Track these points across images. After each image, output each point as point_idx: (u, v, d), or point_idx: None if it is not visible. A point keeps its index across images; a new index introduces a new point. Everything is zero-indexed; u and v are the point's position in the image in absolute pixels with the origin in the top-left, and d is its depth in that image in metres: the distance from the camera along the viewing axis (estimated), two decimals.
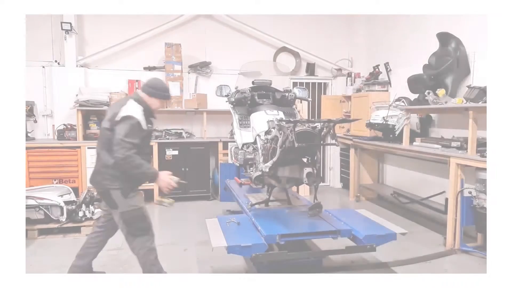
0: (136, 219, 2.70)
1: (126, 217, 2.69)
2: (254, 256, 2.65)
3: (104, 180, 2.69)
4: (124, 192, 2.67)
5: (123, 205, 2.68)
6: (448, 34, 4.39)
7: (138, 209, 2.72)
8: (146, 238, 2.74)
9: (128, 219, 2.69)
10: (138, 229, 2.71)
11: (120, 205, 2.68)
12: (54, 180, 5.29)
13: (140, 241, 2.72)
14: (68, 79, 5.84)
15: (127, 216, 2.68)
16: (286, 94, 4.08)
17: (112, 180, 2.67)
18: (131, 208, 2.69)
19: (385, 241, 2.94)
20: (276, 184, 3.41)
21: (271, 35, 6.63)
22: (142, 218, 2.73)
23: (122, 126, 2.58)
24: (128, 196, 2.68)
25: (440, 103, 4.11)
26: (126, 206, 2.68)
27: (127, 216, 2.68)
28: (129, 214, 2.68)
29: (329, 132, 2.93)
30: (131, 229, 2.71)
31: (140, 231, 2.72)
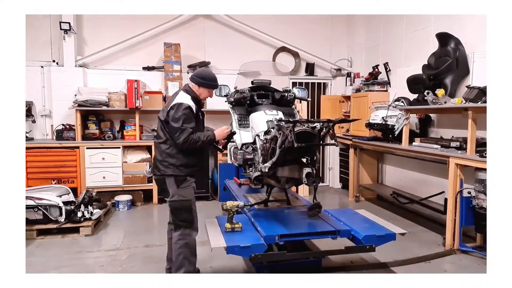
0: (182, 210, 2.82)
1: (174, 206, 2.83)
2: (253, 256, 2.64)
3: (161, 167, 2.83)
4: (177, 181, 2.80)
5: (174, 193, 2.81)
6: (447, 34, 4.39)
7: (186, 201, 2.82)
8: (187, 232, 2.83)
9: (175, 209, 2.83)
10: (182, 220, 2.82)
11: (171, 193, 2.81)
12: (52, 181, 5.29)
13: (181, 233, 2.82)
14: (67, 79, 5.83)
15: (175, 205, 2.83)
16: (285, 94, 4.07)
17: (168, 167, 2.81)
18: (180, 198, 2.81)
19: (385, 241, 2.94)
20: (275, 184, 3.41)
21: (270, 35, 6.63)
22: (188, 210, 2.84)
23: (174, 113, 2.74)
24: (181, 186, 2.81)
25: (439, 103, 4.12)
26: (176, 195, 2.81)
27: (175, 205, 2.82)
28: (177, 204, 2.81)
29: (329, 132, 2.92)
30: (176, 219, 2.84)
31: (183, 223, 2.83)
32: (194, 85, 2.92)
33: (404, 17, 5.56)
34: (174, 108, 2.76)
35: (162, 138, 2.86)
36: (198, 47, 6.49)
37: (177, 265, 2.82)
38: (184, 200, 2.82)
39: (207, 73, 2.96)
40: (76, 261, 3.63)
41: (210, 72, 3.00)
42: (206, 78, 2.91)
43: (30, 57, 5.71)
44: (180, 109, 2.74)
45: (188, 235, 2.83)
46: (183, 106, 2.75)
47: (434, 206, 4.51)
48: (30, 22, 5.61)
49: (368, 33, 6.63)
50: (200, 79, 2.90)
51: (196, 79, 2.91)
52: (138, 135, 5.76)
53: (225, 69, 6.48)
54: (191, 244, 2.84)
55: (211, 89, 2.99)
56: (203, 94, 2.95)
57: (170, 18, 6.21)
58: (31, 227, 4.17)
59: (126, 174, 5.59)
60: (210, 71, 3.02)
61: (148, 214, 5.31)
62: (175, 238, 2.84)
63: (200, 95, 2.93)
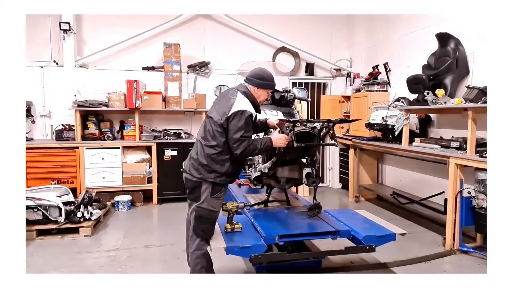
0: (206, 220, 2.67)
1: (200, 213, 2.65)
2: (253, 257, 2.63)
3: (202, 171, 2.64)
4: (213, 189, 2.65)
5: (205, 201, 2.65)
6: (447, 34, 4.39)
7: (213, 212, 2.68)
8: (203, 243, 2.71)
9: (200, 216, 2.66)
10: (203, 230, 2.68)
11: (202, 199, 2.65)
12: (52, 181, 5.28)
13: (198, 243, 2.70)
14: (67, 79, 5.83)
15: (201, 213, 2.65)
16: (285, 94, 4.07)
17: (210, 173, 2.63)
18: (209, 207, 2.66)
19: (385, 242, 2.93)
20: (275, 184, 3.41)
21: (270, 35, 6.63)
22: (212, 222, 2.71)
23: (237, 122, 2.54)
24: (214, 195, 2.66)
25: (439, 103, 4.11)
26: (206, 202, 2.65)
27: (201, 212, 2.65)
28: (204, 212, 2.65)
29: (329, 132, 2.92)
30: (197, 227, 2.68)
31: (203, 233, 2.69)
32: (252, 87, 2.70)
33: (404, 17, 5.56)
34: (237, 116, 2.54)
35: (211, 142, 2.63)
36: (198, 47, 6.49)
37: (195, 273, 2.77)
38: (212, 210, 2.68)
39: (265, 73, 2.73)
40: (76, 261, 3.63)
41: (267, 71, 2.76)
42: (265, 78, 2.71)
43: (30, 57, 5.71)
44: (243, 118, 2.55)
45: (204, 246, 2.73)
46: (245, 115, 2.56)
47: (434, 206, 4.51)
48: (30, 22, 5.60)
49: (368, 33, 6.63)
50: (259, 80, 2.69)
51: (255, 80, 2.69)
52: (137, 135, 5.76)
53: (225, 69, 6.48)
54: (207, 254, 2.75)
55: (269, 90, 2.79)
56: (262, 96, 2.74)
57: (169, 18, 6.21)
58: (31, 227, 4.17)
59: (126, 174, 5.58)
60: (266, 69, 2.77)
61: (147, 215, 5.31)
62: (192, 248, 2.73)
63: (259, 97, 2.73)
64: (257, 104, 2.76)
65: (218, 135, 2.61)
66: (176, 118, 6.43)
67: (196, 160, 2.68)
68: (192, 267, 2.76)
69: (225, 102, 2.66)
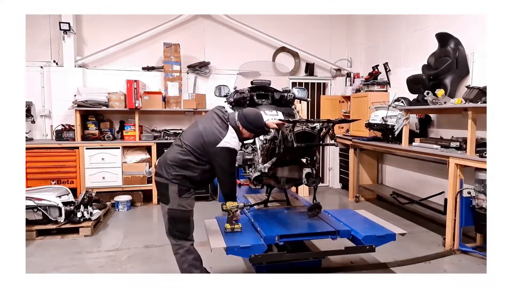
0: (180, 220, 2.71)
1: (172, 215, 2.70)
2: (253, 257, 2.63)
3: (172, 172, 2.69)
4: (180, 190, 2.69)
5: (174, 202, 2.69)
6: (447, 34, 4.39)
7: (186, 212, 2.72)
8: (183, 242, 2.74)
9: (173, 218, 2.71)
10: (178, 230, 2.72)
11: (171, 201, 2.69)
12: (52, 181, 5.28)
13: (178, 242, 2.74)
14: (66, 79, 5.83)
15: (173, 214, 2.70)
16: (285, 94, 4.07)
17: (177, 177, 2.69)
18: (179, 207, 2.69)
19: (385, 242, 2.93)
20: (275, 184, 3.41)
21: (270, 35, 6.63)
22: (186, 221, 2.74)
23: (226, 157, 2.67)
24: (183, 195, 2.70)
25: (439, 103, 4.11)
26: (176, 204, 2.69)
27: (173, 214, 2.70)
28: (176, 213, 2.70)
29: (328, 132, 2.92)
30: (172, 229, 2.72)
31: (179, 233, 2.72)
32: (241, 126, 2.77)
33: (404, 17, 5.56)
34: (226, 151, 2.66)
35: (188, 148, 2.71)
36: (198, 47, 6.49)
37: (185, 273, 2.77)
38: (184, 210, 2.71)
39: (256, 119, 2.79)
40: (76, 261, 3.63)
41: (259, 119, 2.82)
42: (253, 125, 2.77)
43: (30, 57, 5.71)
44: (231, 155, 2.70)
45: (186, 243, 2.74)
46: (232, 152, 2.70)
47: (434, 206, 4.51)
48: (30, 22, 5.60)
49: (368, 33, 6.63)
50: (247, 124, 2.75)
51: (244, 122, 2.76)
52: (137, 135, 5.76)
53: (225, 69, 6.49)
54: (191, 249, 2.77)
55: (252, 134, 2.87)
56: (246, 134, 2.83)
57: (169, 18, 6.21)
58: (31, 227, 4.17)
59: (126, 174, 5.58)
60: (260, 116, 2.84)
61: (147, 215, 5.31)
62: (174, 249, 2.77)
63: (243, 134, 2.82)
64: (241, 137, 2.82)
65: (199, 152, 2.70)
66: (176, 118, 6.43)
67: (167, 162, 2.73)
68: (180, 268, 2.77)
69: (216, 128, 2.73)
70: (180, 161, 2.70)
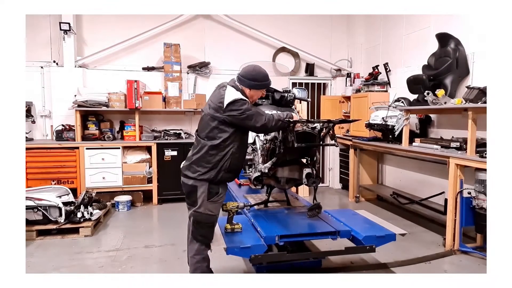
0: (205, 224, 2.63)
1: (197, 218, 2.62)
2: (253, 257, 2.63)
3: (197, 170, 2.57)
4: (210, 192, 2.59)
5: (201, 205, 2.60)
6: (447, 35, 4.39)
7: (212, 216, 2.64)
8: (203, 248, 2.67)
9: (198, 221, 2.62)
10: (201, 234, 2.64)
11: (199, 204, 2.60)
12: (52, 181, 5.28)
13: (198, 248, 2.67)
14: (67, 79, 5.83)
15: (199, 218, 2.61)
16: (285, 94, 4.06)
17: (204, 170, 2.56)
18: (206, 211, 2.61)
19: (385, 242, 2.93)
20: (275, 184, 3.41)
21: (270, 35, 6.63)
22: (211, 226, 2.66)
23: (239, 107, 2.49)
24: (211, 199, 2.60)
25: (439, 103, 4.11)
26: (203, 207, 2.60)
27: (199, 217, 2.61)
28: (202, 217, 2.60)
29: (329, 133, 2.92)
30: (195, 232, 2.64)
31: (202, 238, 2.65)
32: (245, 88, 2.60)
33: (404, 17, 5.56)
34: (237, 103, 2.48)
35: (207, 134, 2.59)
36: (198, 47, 6.49)
37: None
38: (210, 215, 2.62)
39: (258, 72, 2.61)
40: (76, 261, 3.63)
41: (260, 70, 2.62)
42: (258, 79, 2.59)
43: (30, 58, 5.71)
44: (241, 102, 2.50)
45: (204, 250, 2.70)
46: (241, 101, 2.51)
47: (434, 206, 4.51)
48: (30, 22, 5.61)
49: (368, 33, 6.63)
50: (251, 81, 2.58)
51: (246, 82, 2.58)
52: (138, 135, 5.76)
53: (225, 69, 6.49)
54: (207, 257, 2.73)
55: (264, 89, 2.69)
56: (255, 96, 2.65)
57: (170, 18, 6.21)
58: (31, 227, 4.17)
59: (126, 174, 5.58)
60: (260, 68, 2.63)
61: (147, 215, 5.31)
62: (191, 252, 2.70)
63: (251, 97, 2.63)
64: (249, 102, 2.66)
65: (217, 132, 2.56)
66: (176, 118, 6.43)
67: (193, 160, 2.62)
68: (192, 271, 2.74)
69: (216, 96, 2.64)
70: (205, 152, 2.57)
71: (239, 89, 2.62)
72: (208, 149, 2.57)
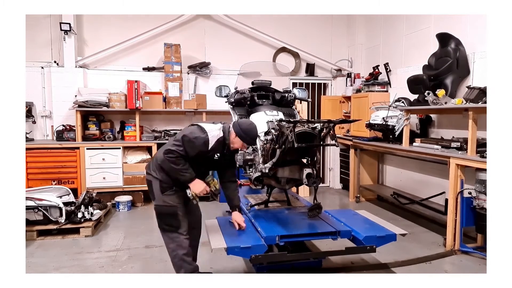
0: (166, 215, 2.81)
1: (157, 211, 2.85)
2: (253, 257, 2.64)
3: (153, 169, 2.85)
4: (162, 187, 2.79)
5: (158, 198, 2.82)
6: (447, 35, 4.39)
7: (170, 207, 2.79)
8: (175, 235, 2.81)
9: (159, 213, 2.85)
10: (167, 224, 2.83)
11: (156, 198, 2.83)
12: (53, 181, 5.28)
13: (169, 236, 2.83)
14: (67, 79, 5.83)
15: (159, 210, 2.84)
16: (285, 94, 4.07)
17: (157, 172, 2.81)
18: (163, 203, 2.80)
19: (385, 242, 2.94)
20: (275, 185, 3.41)
21: (270, 35, 6.63)
22: (173, 215, 2.81)
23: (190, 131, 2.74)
24: (165, 192, 2.79)
25: (439, 103, 4.11)
26: (160, 200, 2.81)
27: (158, 210, 2.84)
28: (161, 209, 2.82)
29: (329, 133, 2.92)
30: (160, 223, 2.86)
31: (168, 227, 2.83)
32: (233, 132, 2.80)
33: (404, 17, 5.56)
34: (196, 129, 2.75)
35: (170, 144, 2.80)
36: (199, 47, 6.49)
37: (177, 267, 2.82)
38: (169, 205, 2.78)
39: (251, 130, 2.81)
40: (76, 262, 3.63)
41: (254, 130, 2.83)
42: (247, 134, 2.79)
43: (31, 58, 5.71)
44: (198, 134, 2.70)
45: (176, 237, 2.80)
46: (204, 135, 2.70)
47: (435, 206, 4.50)
48: (31, 22, 5.61)
49: (368, 34, 6.63)
50: (241, 131, 2.78)
51: (237, 129, 2.79)
52: (138, 135, 5.76)
53: (226, 69, 6.49)
54: (183, 244, 2.81)
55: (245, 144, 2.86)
56: (236, 144, 2.83)
57: (170, 19, 6.21)
58: (31, 227, 4.17)
59: (126, 174, 5.58)
60: (255, 127, 2.85)
61: (148, 215, 5.30)
62: (166, 243, 2.87)
63: (233, 144, 2.82)
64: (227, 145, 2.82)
65: None
66: (177, 118, 6.43)
67: (155, 157, 2.91)
68: (172, 262, 2.85)
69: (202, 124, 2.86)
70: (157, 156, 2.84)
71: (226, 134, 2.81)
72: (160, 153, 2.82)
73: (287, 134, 2.81)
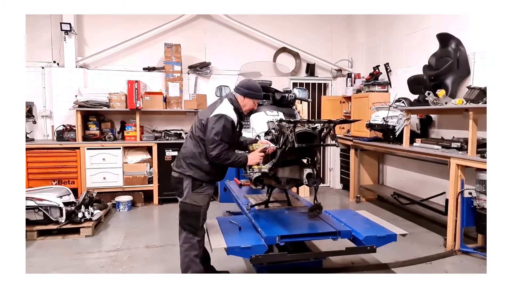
0: (190, 214, 2.80)
1: (182, 208, 2.83)
2: (253, 257, 2.63)
3: (183, 165, 2.82)
4: (193, 184, 2.79)
5: (187, 196, 2.80)
6: (448, 35, 4.39)
7: (197, 207, 2.80)
8: (192, 236, 2.82)
9: (183, 211, 2.83)
10: (187, 223, 2.81)
11: (185, 195, 2.80)
12: (53, 181, 5.28)
13: (186, 236, 2.82)
14: (68, 80, 5.84)
15: (184, 208, 2.82)
16: (286, 94, 4.07)
17: (190, 168, 2.79)
18: (191, 202, 2.79)
19: (386, 242, 2.93)
20: (276, 185, 3.41)
21: (270, 35, 6.63)
22: (196, 216, 2.81)
23: (215, 124, 2.70)
24: (195, 190, 2.80)
25: (440, 104, 4.11)
26: (188, 198, 2.79)
27: (184, 207, 2.82)
28: (187, 207, 2.80)
29: (329, 133, 2.92)
30: (182, 221, 2.84)
31: (188, 227, 2.81)
32: (239, 95, 2.86)
33: (404, 18, 5.56)
34: (217, 118, 2.71)
35: (195, 139, 2.83)
36: (199, 47, 6.49)
37: (184, 266, 2.82)
38: (195, 205, 2.79)
39: (253, 84, 2.90)
40: (77, 262, 3.63)
41: (255, 83, 2.93)
42: (252, 89, 2.86)
43: (31, 58, 5.72)
44: (222, 121, 2.70)
45: (192, 239, 2.81)
46: (225, 119, 2.71)
47: (435, 207, 4.50)
48: (31, 22, 5.62)
49: (369, 34, 6.63)
50: (245, 90, 2.84)
51: (242, 90, 2.85)
52: (138, 135, 5.76)
53: (226, 69, 6.49)
54: (197, 246, 2.82)
55: (256, 100, 2.92)
56: (248, 105, 2.88)
57: (170, 19, 6.21)
58: (32, 227, 4.17)
59: (127, 175, 5.58)
60: (255, 81, 2.97)
61: (148, 215, 5.31)
62: (180, 241, 2.86)
63: (244, 106, 2.88)
64: (241, 111, 2.89)
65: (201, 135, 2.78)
66: (177, 118, 6.43)
67: (182, 154, 2.86)
68: (181, 260, 2.84)
69: (211, 107, 2.88)
70: (191, 152, 2.80)
71: (234, 101, 2.85)
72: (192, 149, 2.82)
73: (287, 134, 2.81)
